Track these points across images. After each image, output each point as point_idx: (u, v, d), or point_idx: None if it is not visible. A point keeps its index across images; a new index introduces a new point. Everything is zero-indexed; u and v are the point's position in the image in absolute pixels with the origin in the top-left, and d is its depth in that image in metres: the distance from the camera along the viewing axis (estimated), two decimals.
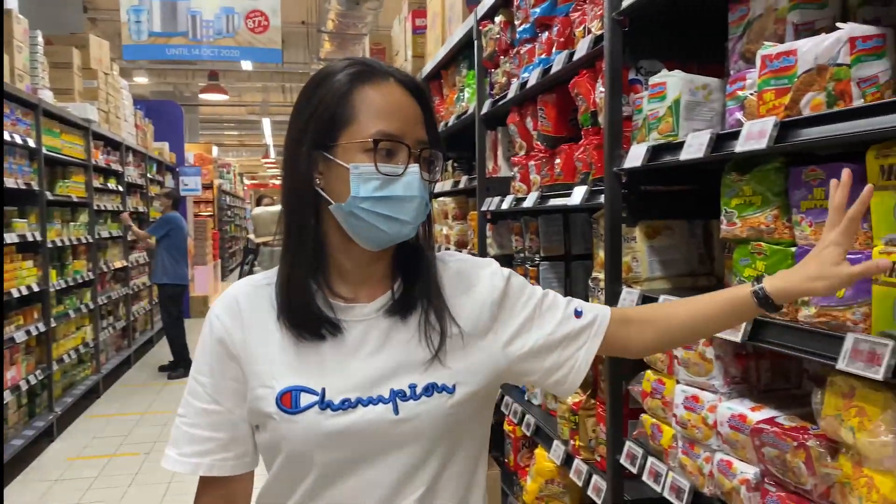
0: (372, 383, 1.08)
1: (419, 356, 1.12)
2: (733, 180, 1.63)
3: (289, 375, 1.08)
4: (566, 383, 1.24)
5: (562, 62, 2.47)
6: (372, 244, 1.12)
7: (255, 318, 1.14)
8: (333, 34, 12.56)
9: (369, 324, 1.13)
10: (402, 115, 1.09)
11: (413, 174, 1.09)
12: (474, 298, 1.20)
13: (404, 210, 1.08)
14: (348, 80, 1.10)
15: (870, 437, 1.23)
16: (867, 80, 1.33)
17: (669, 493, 1.87)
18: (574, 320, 1.24)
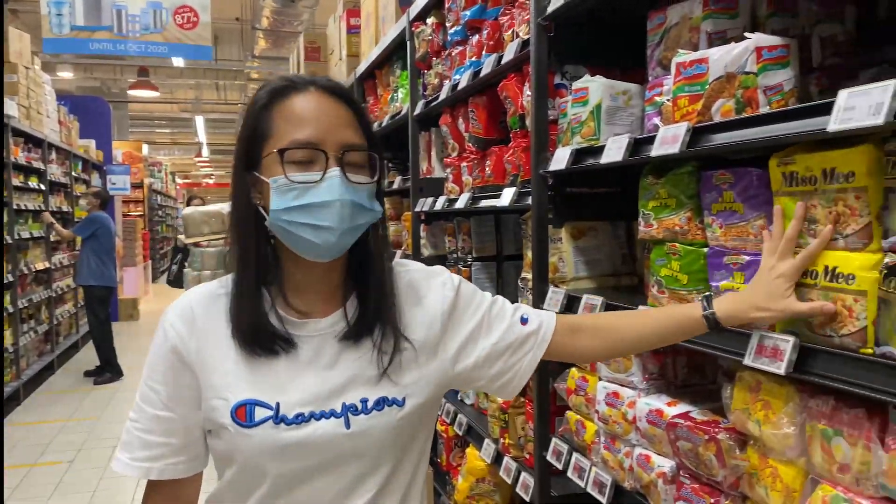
0: (325, 398, 1.11)
1: (370, 371, 1.14)
2: (650, 183, 1.68)
3: (244, 389, 1.10)
4: (509, 388, 1.29)
5: (491, 65, 2.50)
6: (311, 255, 1.11)
7: (210, 328, 1.14)
8: (268, 31, 12.37)
9: (323, 339, 1.15)
10: (319, 121, 1.09)
11: (332, 178, 1.07)
12: (425, 310, 1.23)
13: (326, 216, 1.07)
14: (268, 97, 1.12)
15: (774, 430, 1.29)
16: (773, 88, 1.40)
17: (592, 488, 1.91)
18: (520, 327, 1.28)
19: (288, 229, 1.08)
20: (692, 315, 1.29)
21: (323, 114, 1.10)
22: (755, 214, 1.40)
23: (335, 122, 1.10)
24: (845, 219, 1.16)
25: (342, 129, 1.10)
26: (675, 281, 1.61)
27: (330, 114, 1.10)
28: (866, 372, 1.11)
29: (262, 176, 1.11)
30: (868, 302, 1.13)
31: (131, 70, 14.36)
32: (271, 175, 1.09)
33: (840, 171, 1.15)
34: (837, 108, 1.09)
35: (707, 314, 1.27)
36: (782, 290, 1.22)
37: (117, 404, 6.82)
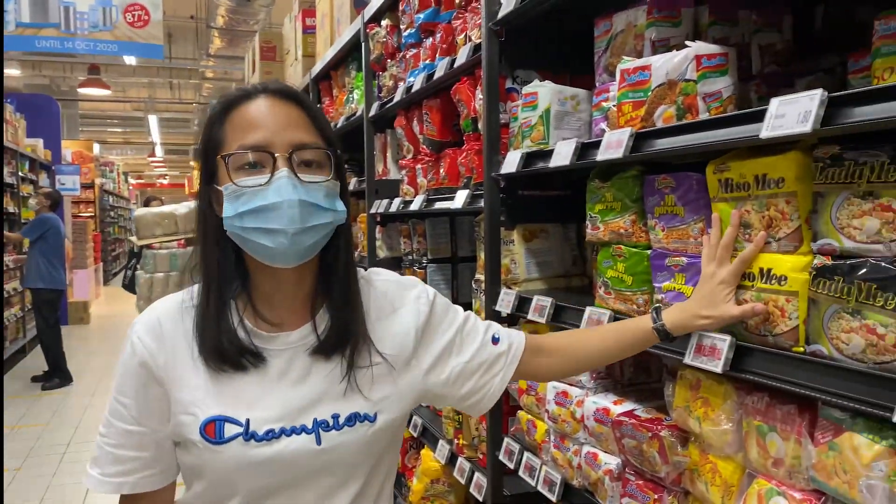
0: (295, 413, 1.10)
1: (341, 386, 1.13)
2: (597, 187, 1.72)
3: (213, 405, 1.09)
4: (478, 407, 1.30)
5: (444, 68, 2.52)
6: (271, 261, 1.09)
7: (178, 342, 1.12)
8: (224, 30, 12.20)
9: (293, 352, 1.13)
10: (267, 124, 1.08)
11: (280, 178, 1.05)
12: (399, 323, 1.22)
13: (276, 218, 1.05)
14: (220, 109, 1.13)
15: (713, 426, 1.33)
16: (712, 95, 1.44)
17: (543, 487, 1.94)
18: (492, 347, 1.29)
19: (242, 235, 1.07)
20: (644, 328, 1.36)
21: (272, 116, 1.09)
22: (695, 218, 1.44)
23: (284, 123, 1.09)
24: (777, 223, 1.21)
25: (291, 129, 1.09)
26: (621, 282, 1.64)
27: (279, 115, 1.09)
28: (798, 369, 1.15)
29: (217, 186, 1.11)
30: (799, 302, 1.17)
31: (81, 67, 14.01)
32: (223, 183, 1.09)
33: (771, 176, 1.20)
34: (769, 116, 1.13)
35: (657, 326, 1.34)
36: (723, 295, 1.28)
37: (66, 410, 6.65)
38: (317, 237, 1.09)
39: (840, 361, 1.09)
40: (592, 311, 1.69)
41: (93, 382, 7.60)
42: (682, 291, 1.46)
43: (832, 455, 1.08)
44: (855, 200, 1.07)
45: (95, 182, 15.99)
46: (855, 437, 1.04)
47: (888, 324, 1.01)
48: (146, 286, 5.88)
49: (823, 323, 1.12)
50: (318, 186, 1.08)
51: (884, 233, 1.03)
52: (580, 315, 1.73)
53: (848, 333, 1.07)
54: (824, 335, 1.12)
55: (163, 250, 5.78)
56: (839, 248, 1.10)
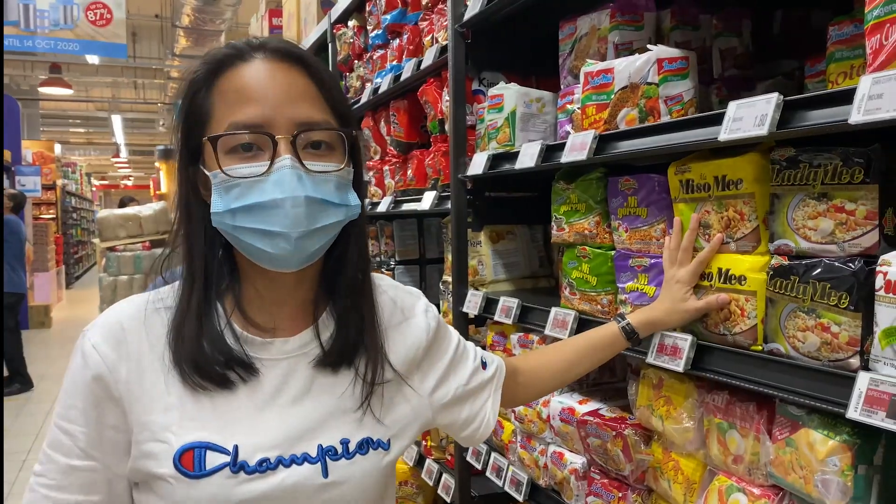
0: (295, 438, 0.91)
1: (350, 404, 0.95)
2: (561, 188, 1.73)
3: (191, 428, 0.87)
4: (476, 435, 1.17)
5: (411, 70, 2.52)
6: (271, 266, 0.91)
7: (144, 350, 0.91)
8: (189, 29, 12.05)
9: (291, 363, 0.94)
10: (265, 97, 0.87)
11: (282, 168, 0.85)
12: (408, 336, 1.06)
13: (277, 219, 0.85)
14: (206, 72, 0.91)
15: (675, 424, 1.35)
16: (673, 99, 1.46)
17: (510, 487, 1.95)
18: (482, 372, 1.18)
19: (234, 235, 0.89)
20: (611, 331, 1.35)
21: (271, 86, 0.88)
22: (657, 218, 1.46)
23: (287, 94, 0.88)
24: (735, 223, 1.23)
25: (296, 103, 0.88)
26: (586, 283, 1.66)
27: (280, 84, 0.88)
28: (756, 368, 1.18)
29: (204, 169, 0.91)
30: (757, 301, 1.20)
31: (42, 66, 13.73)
32: (211, 169, 0.89)
33: (730, 178, 1.22)
34: (728, 119, 1.15)
35: (623, 325, 1.34)
36: (682, 294, 1.31)
37: (26, 417, 6.50)
38: (325, 239, 0.92)
39: (796, 359, 1.11)
40: (558, 311, 1.70)
41: (54, 388, 7.43)
42: (644, 291, 1.48)
43: (789, 451, 1.10)
44: (810, 202, 1.09)
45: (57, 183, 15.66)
46: (811, 433, 1.06)
47: (841, 322, 1.04)
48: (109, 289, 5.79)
49: (781, 322, 1.14)
50: (327, 178, 0.89)
51: (837, 233, 1.05)
52: (546, 316, 1.75)
53: (804, 332, 1.10)
54: (781, 334, 1.14)
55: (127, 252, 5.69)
56: (795, 248, 1.12)
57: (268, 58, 0.90)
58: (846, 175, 1.03)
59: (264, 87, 0.88)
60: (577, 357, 1.32)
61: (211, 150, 0.88)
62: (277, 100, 0.87)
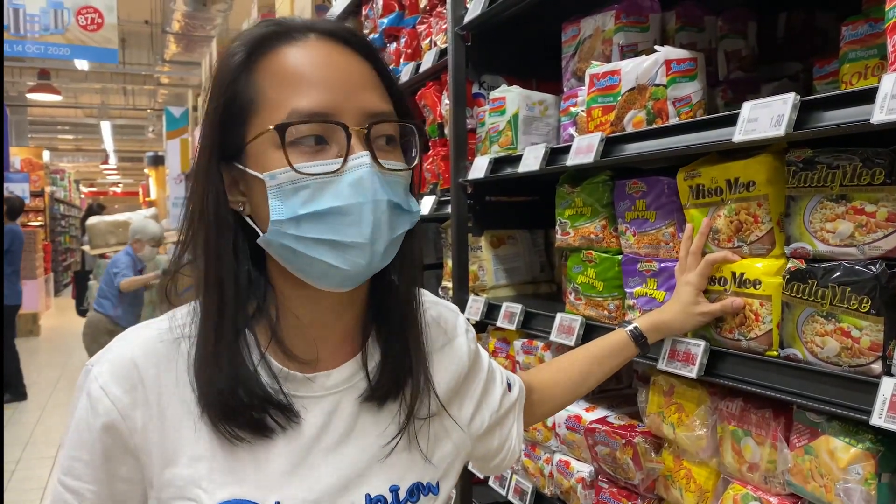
0: (341, 488, 0.80)
1: (399, 447, 0.84)
2: (566, 192, 1.71)
3: (224, 483, 0.76)
4: (503, 465, 1.08)
5: (409, 73, 2.49)
6: (329, 284, 0.78)
7: (165, 392, 0.78)
8: (180, 35, 11.99)
9: (334, 400, 0.83)
10: (331, 81, 0.75)
11: (360, 165, 0.73)
12: (452, 361, 0.95)
13: (355, 228, 0.74)
14: (247, 52, 0.77)
15: (687, 432, 1.32)
16: (681, 100, 1.44)
17: (514, 496, 1.92)
18: (508, 395, 1.06)
19: (297, 249, 0.75)
20: (619, 337, 1.27)
21: (333, 70, 0.75)
22: (666, 222, 1.44)
23: (353, 80, 0.76)
24: (748, 226, 1.21)
25: (364, 90, 0.76)
26: (592, 288, 1.63)
27: (344, 69, 0.76)
28: (772, 373, 1.15)
29: (248, 169, 0.76)
30: (773, 306, 1.17)
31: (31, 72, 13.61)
32: (265, 168, 0.75)
33: (742, 180, 1.20)
34: (742, 120, 1.13)
35: (630, 329, 1.27)
36: (692, 297, 1.26)
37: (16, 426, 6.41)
38: (394, 253, 0.80)
39: (815, 365, 1.09)
40: (563, 317, 1.67)
41: (43, 397, 7.34)
42: (653, 296, 1.45)
43: (808, 459, 1.08)
44: (828, 204, 1.07)
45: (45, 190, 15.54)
46: (831, 441, 1.04)
47: (862, 326, 1.01)
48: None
49: (798, 326, 1.11)
50: (399, 178, 0.78)
51: (857, 236, 1.03)
52: (551, 321, 1.72)
53: (822, 337, 1.07)
54: (798, 339, 1.12)
55: None
56: (812, 251, 1.10)
57: (323, 39, 0.78)
58: (866, 176, 1.01)
59: (326, 68, 0.75)
60: (589, 367, 1.23)
61: (263, 144, 0.75)
62: (347, 86, 0.75)
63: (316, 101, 0.74)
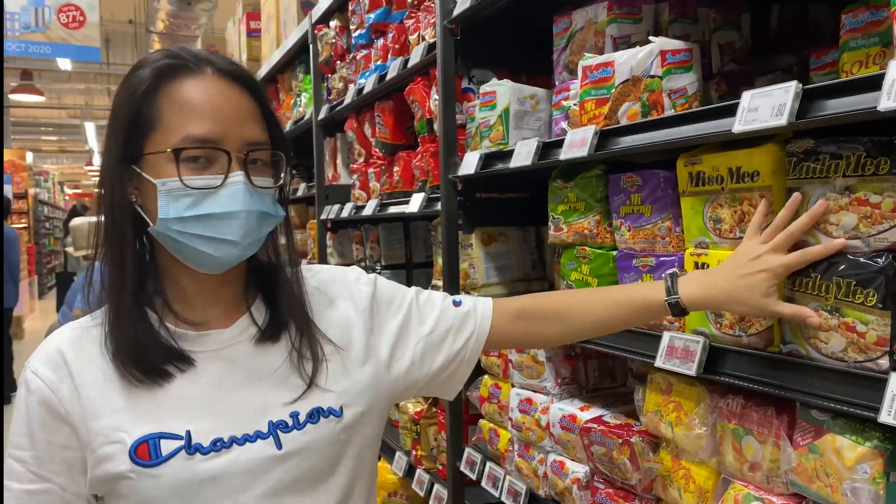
0: (246, 418, 0.95)
1: (295, 382, 0.99)
2: (559, 187, 1.67)
3: (142, 423, 0.92)
4: (453, 381, 1.16)
5: (397, 69, 2.45)
6: (208, 269, 0.97)
7: (85, 365, 0.95)
8: (164, 35, 11.88)
9: (230, 351, 0.99)
10: (219, 114, 0.93)
11: (235, 184, 0.92)
12: (342, 310, 1.09)
13: (229, 229, 0.93)
14: (153, 76, 0.94)
15: (686, 431, 1.29)
16: (677, 92, 1.41)
17: (507, 497, 1.88)
18: (454, 309, 1.16)
19: (179, 240, 0.94)
20: (654, 300, 1.12)
21: (223, 104, 0.93)
22: (662, 216, 1.41)
23: (238, 114, 0.94)
24: (750, 217, 1.18)
25: (245, 123, 0.95)
26: (586, 284, 1.60)
27: (232, 104, 0.94)
28: (774, 370, 1.12)
29: (144, 174, 0.94)
30: None
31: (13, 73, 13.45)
32: (159, 176, 0.93)
33: (745, 170, 1.17)
34: (742, 110, 1.10)
35: (671, 301, 1.10)
36: (766, 287, 1.04)
37: None
38: (261, 244, 1.01)
39: (818, 361, 1.06)
40: None
41: None
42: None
43: (813, 458, 1.05)
44: (831, 196, 1.04)
45: (29, 192, 15.37)
46: (837, 439, 1.01)
47: (868, 321, 0.98)
48: None
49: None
50: (268, 192, 0.98)
51: (861, 228, 1.00)
52: None
53: (826, 332, 1.04)
54: (801, 334, 1.08)
55: None
56: (815, 244, 1.07)
57: (219, 76, 0.96)
58: (871, 166, 0.98)
59: (219, 104, 0.93)
60: (608, 319, 1.17)
61: (161, 158, 0.93)
62: (230, 119, 0.93)
63: (206, 129, 0.92)
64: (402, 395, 1.14)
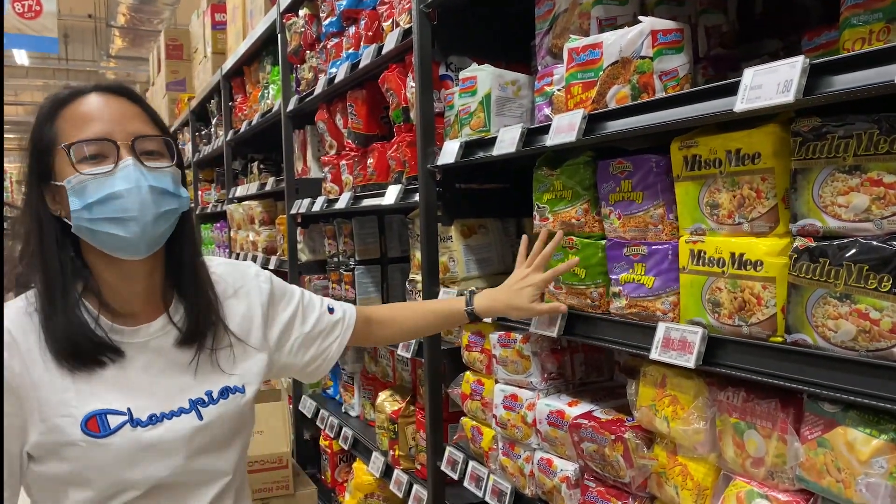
0: (171, 397, 1.15)
1: (207, 366, 1.21)
2: (545, 175, 1.61)
3: (88, 401, 1.08)
4: (318, 371, 1.45)
5: (371, 56, 2.37)
6: (123, 252, 1.10)
7: (30, 348, 1.08)
8: (125, 29, 11.59)
9: (156, 343, 1.17)
10: (103, 118, 1.09)
11: (126, 166, 1.07)
12: (244, 302, 1.30)
13: (129, 205, 1.06)
14: (50, 107, 1.11)
15: (683, 426, 1.24)
16: (668, 74, 1.36)
17: (491, 497, 1.82)
18: (328, 316, 1.45)
19: (91, 228, 1.07)
20: (458, 309, 1.61)
21: (107, 110, 1.10)
22: (654, 203, 1.35)
23: (121, 116, 1.11)
24: (751, 202, 1.13)
25: (130, 121, 1.11)
26: (573, 276, 1.54)
27: (115, 109, 1.11)
28: (779, 361, 1.07)
29: (56, 182, 1.08)
30: (777, 288, 1.09)
31: None
32: (65, 177, 1.07)
33: (745, 152, 1.11)
34: (744, 88, 1.05)
35: (468, 310, 1.59)
36: (531, 296, 1.53)
37: None
38: (167, 224, 1.12)
39: (827, 350, 1.01)
40: None
41: None
42: (642, 283, 1.37)
43: (822, 452, 1.00)
44: (840, 176, 0.99)
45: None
46: (849, 432, 0.96)
47: (883, 307, 0.94)
48: None
49: (807, 310, 1.03)
50: (164, 172, 1.11)
51: (874, 209, 0.95)
52: None
53: (835, 320, 0.99)
54: (808, 323, 1.03)
55: None
56: (823, 228, 1.02)
57: (101, 93, 1.12)
58: (884, 144, 0.93)
59: (102, 110, 1.09)
60: (428, 322, 1.62)
61: (63, 161, 1.07)
62: (115, 119, 1.09)
63: (95, 130, 1.08)
64: (276, 375, 1.41)
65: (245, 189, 4.17)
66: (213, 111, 5.02)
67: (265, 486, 2.70)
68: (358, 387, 3.02)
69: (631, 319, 1.40)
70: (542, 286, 1.54)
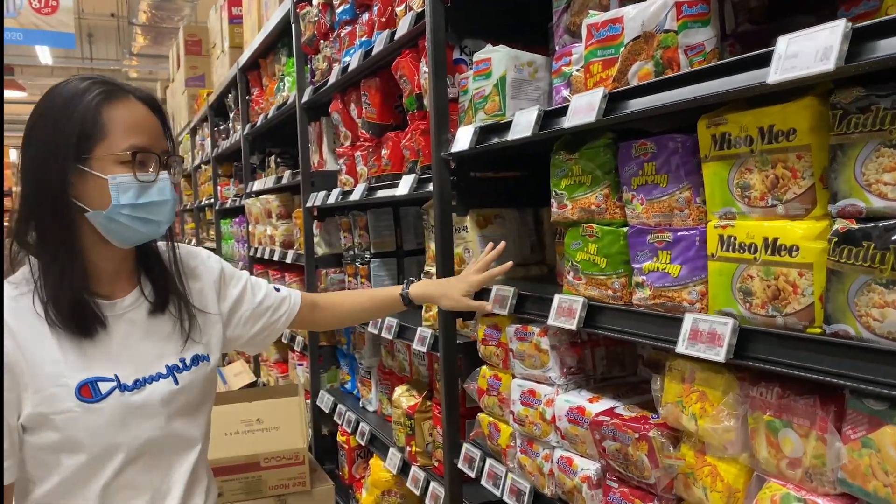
0: (150, 364, 1.30)
1: (178, 336, 1.36)
2: (562, 160, 1.53)
3: (80, 370, 1.21)
4: (266, 341, 1.62)
5: (383, 42, 2.30)
6: (127, 243, 1.28)
7: (23, 325, 1.19)
8: (147, 27, 11.64)
9: (130, 315, 1.31)
10: (148, 130, 1.25)
11: (165, 180, 1.26)
12: (202, 281, 1.46)
13: (160, 212, 1.27)
14: (96, 99, 1.21)
15: (712, 424, 1.16)
16: (694, 48, 1.27)
17: (509, 496, 1.75)
18: (275, 293, 1.63)
19: (123, 221, 1.22)
20: (394, 294, 1.81)
21: (150, 123, 1.26)
22: (680, 186, 1.27)
23: (156, 131, 1.27)
24: (785, 182, 1.04)
25: (160, 137, 1.28)
26: (594, 265, 1.46)
27: (150, 122, 1.27)
28: (819, 354, 0.98)
29: (94, 171, 1.19)
30: (814, 275, 1.01)
31: None
32: (109, 172, 1.20)
33: (779, 128, 1.03)
34: (778, 57, 0.96)
35: (403, 293, 1.80)
36: (463, 291, 1.77)
37: None
38: None
39: (872, 342, 0.92)
40: (562, 298, 1.50)
41: None
42: (667, 271, 1.28)
43: (867, 453, 0.91)
44: (886, 151, 0.90)
45: (13, 190, 15.10)
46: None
47: None
48: None
49: (848, 298, 0.95)
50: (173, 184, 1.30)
51: None
52: (547, 304, 1.54)
53: (881, 309, 0.91)
54: (849, 312, 0.95)
55: None
56: (866, 208, 0.93)
57: (145, 102, 1.27)
58: None
59: (146, 123, 1.25)
60: (365, 307, 1.84)
61: (111, 159, 1.20)
62: (154, 133, 1.27)
63: (144, 140, 1.23)
64: (228, 347, 1.54)
65: (262, 183, 4.13)
66: (231, 105, 4.99)
67: (281, 483, 2.65)
68: (375, 381, 2.96)
69: (655, 311, 1.31)
70: (476, 285, 1.77)
